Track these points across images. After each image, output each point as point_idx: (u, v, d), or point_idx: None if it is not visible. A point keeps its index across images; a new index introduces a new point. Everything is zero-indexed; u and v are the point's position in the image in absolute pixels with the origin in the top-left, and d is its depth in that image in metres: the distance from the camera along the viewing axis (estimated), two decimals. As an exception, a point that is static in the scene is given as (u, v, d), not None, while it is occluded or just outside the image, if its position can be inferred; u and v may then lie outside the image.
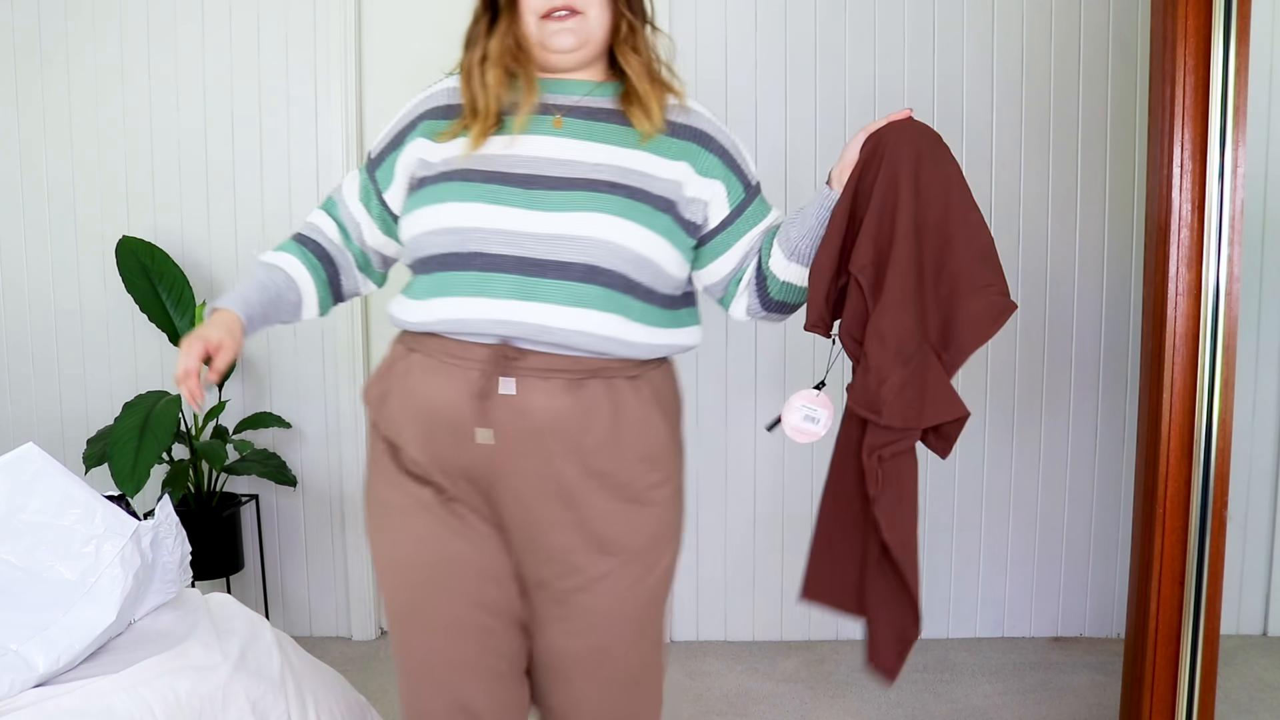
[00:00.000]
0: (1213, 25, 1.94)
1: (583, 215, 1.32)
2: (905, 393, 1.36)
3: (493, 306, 1.32)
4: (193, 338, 1.35)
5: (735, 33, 2.92)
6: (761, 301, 1.51)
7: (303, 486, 3.08)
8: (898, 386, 1.35)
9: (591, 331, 1.32)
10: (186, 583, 1.90)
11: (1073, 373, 3.01)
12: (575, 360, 1.33)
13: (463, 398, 1.33)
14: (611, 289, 1.33)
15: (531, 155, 1.37)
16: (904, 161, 1.35)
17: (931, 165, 1.37)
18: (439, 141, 1.42)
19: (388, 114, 3.11)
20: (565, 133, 1.38)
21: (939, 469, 3.03)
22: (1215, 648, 2.05)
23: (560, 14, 1.35)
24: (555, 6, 1.35)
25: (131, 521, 1.71)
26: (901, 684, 2.77)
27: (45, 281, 3.08)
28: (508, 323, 1.31)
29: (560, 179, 1.35)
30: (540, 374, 1.32)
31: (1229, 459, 2.01)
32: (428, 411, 1.36)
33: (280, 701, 1.71)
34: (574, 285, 1.31)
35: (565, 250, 1.31)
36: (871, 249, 1.36)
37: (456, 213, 1.35)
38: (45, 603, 1.60)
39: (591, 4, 1.36)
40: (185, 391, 1.33)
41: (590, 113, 1.40)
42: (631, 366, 1.38)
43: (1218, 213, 1.97)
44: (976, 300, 1.40)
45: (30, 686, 1.50)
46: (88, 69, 3.00)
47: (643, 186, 1.36)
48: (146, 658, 1.60)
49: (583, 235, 1.31)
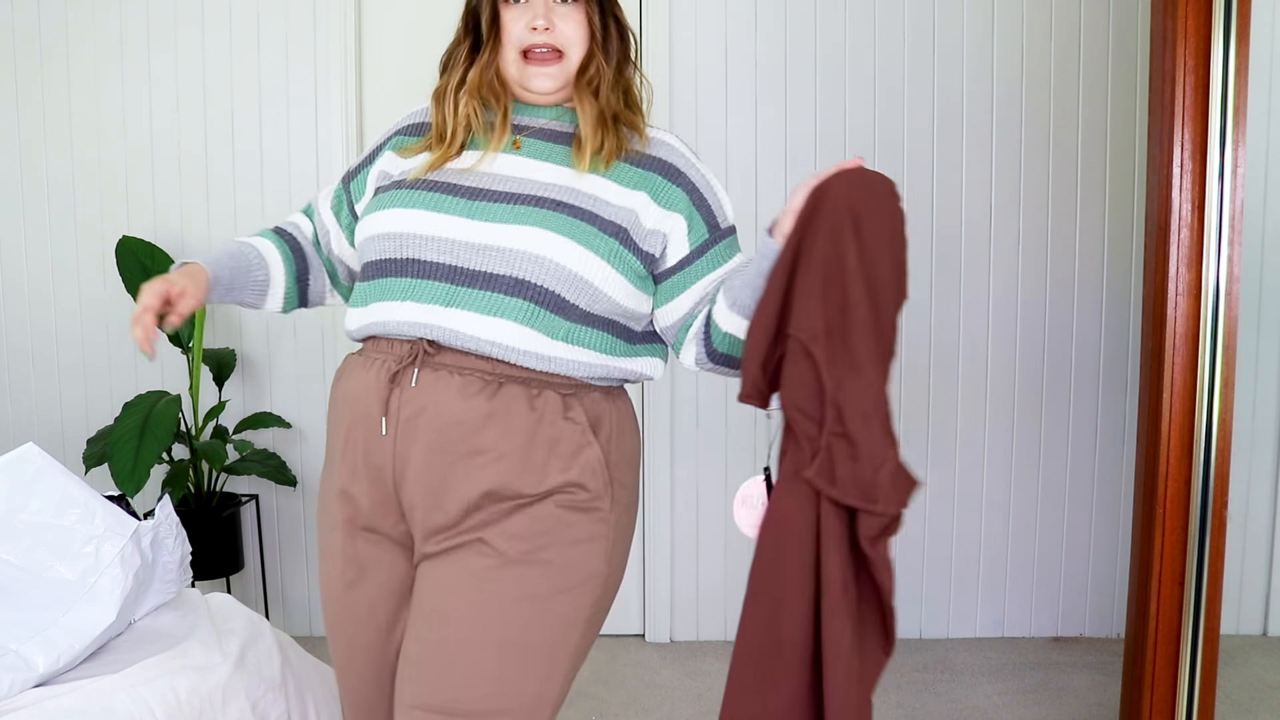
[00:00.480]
0: (1213, 25, 1.94)
1: (520, 229, 1.31)
2: (898, 475, 1.23)
3: (417, 310, 1.32)
4: (156, 280, 1.35)
5: (735, 34, 2.92)
6: (707, 352, 1.41)
7: (303, 486, 3.08)
8: (894, 470, 1.22)
9: (503, 343, 1.30)
10: (186, 583, 1.89)
11: (1073, 373, 3.01)
12: (492, 364, 1.32)
13: (374, 388, 1.34)
14: (536, 304, 1.31)
15: (485, 171, 1.37)
16: (847, 217, 1.23)
17: (876, 220, 1.25)
18: (403, 156, 1.44)
19: (388, 114, 3.11)
20: (523, 153, 1.39)
21: (939, 469, 3.03)
22: (1215, 648, 2.05)
23: (542, 51, 1.37)
24: (538, 44, 1.36)
25: (131, 521, 1.71)
26: (901, 684, 2.77)
27: (45, 281, 3.08)
28: (427, 325, 1.31)
29: (507, 194, 1.34)
30: (453, 370, 1.31)
31: (1229, 459, 2.01)
32: (348, 405, 1.38)
33: (280, 701, 1.71)
34: (496, 296, 1.30)
35: (495, 261, 1.31)
36: (822, 314, 1.23)
37: (398, 218, 1.36)
38: (45, 603, 1.60)
39: (573, 45, 1.37)
40: (139, 331, 1.30)
41: (552, 135, 1.41)
42: (566, 384, 1.35)
43: (1218, 213, 1.97)
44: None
45: (30, 686, 1.50)
46: (88, 68, 3.00)
47: (592, 209, 1.34)
48: (146, 658, 1.60)
49: (516, 248, 1.31)
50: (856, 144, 2.94)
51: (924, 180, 2.95)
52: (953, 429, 3.02)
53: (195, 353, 2.85)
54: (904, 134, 2.94)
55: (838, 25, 2.91)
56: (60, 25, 2.99)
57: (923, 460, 3.03)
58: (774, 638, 1.29)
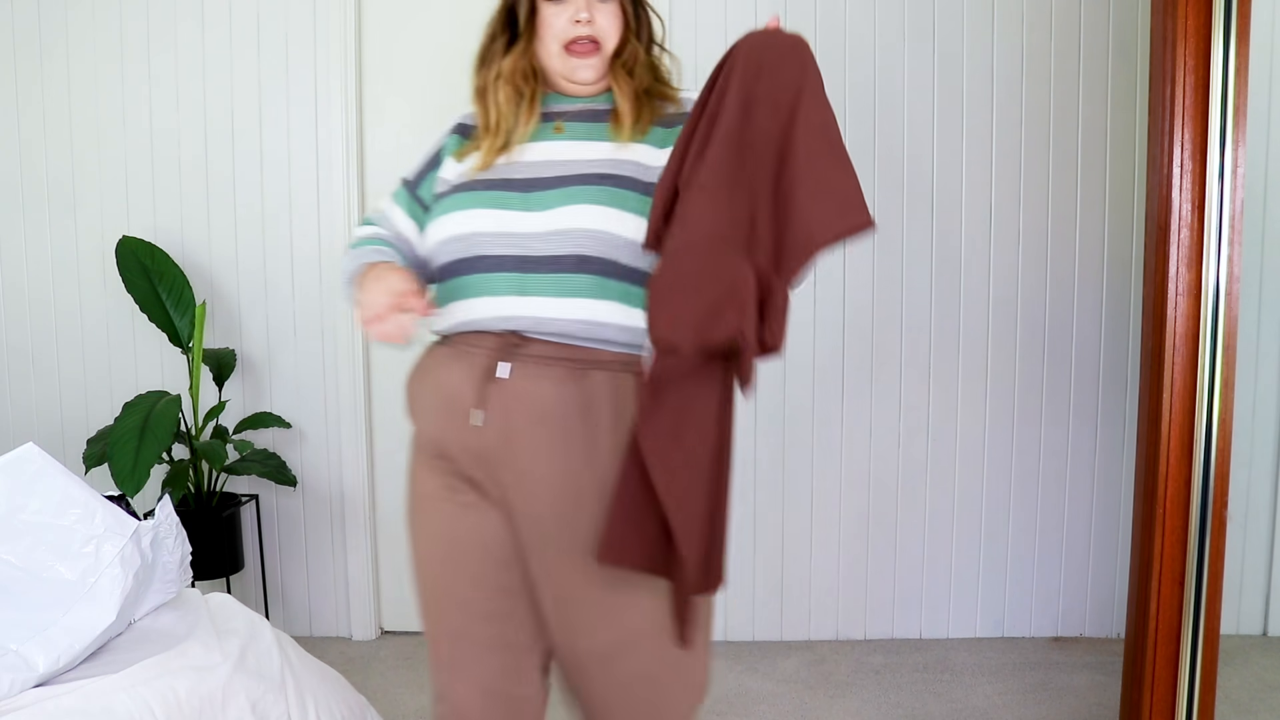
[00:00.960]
0: (1213, 25, 1.94)
1: (571, 209, 1.38)
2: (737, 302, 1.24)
3: (495, 304, 1.39)
4: (387, 278, 1.35)
5: (735, 34, 2.92)
6: None
7: (303, 486, 3.08)
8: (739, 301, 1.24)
9: (585, 319, 1.36)
10: (186, 583, 1.89)
11: (1073, 373, 3.01)
12: (576, 349, 1.37)
13: (466, 381, 1.39)
14: (603, 276, 1.37)
15: (533, 160, 1.44)
16: (740, 74, 1.29)
17: (774, 76, 1.27)
18: (458, 160, 1.50)
19: (388, 114, 3.11)
20: (566, 136, 1.46)
21: (939, 469, 3.03)
22: (1215, 648, 2.05)
23: (583, 43, 1.45)
24: (579, 36, 1.45)
25: (131, 521, 1.71)
26: (901, 684, 2.77)
27: (45, 282, 3.09)
28: (509, 318, 1.38)
29: (556, 178, 1.41)
30: (541, 361, 1.37)
31: (1229, 459, 2.01)
32: (439, 395, 1.43)
33: (280, 701, 1.71)
34: (564, 277, 1.36)
35: (557, 244, 1.37)
36: (677, 166, 1.28)
37: (461, 221, 1.42)
38: (45, 603, 1.60)
39: (610, 35, 1.47)
40: (393, 326, 1.31)
41: (591, 115, 1.48)
42: (636, 361, 1.39)
43: (1218, 213, 1.97)
44: (819, 204, 1.24)
45: (30, 686, 1.50)
46: (88, 68, 3.00)
47: (632, 175, 1.40)
48: (146, 658, 1.60)
49: (572, 227, 1.37)
50: (857, 144, 2.94)
51: (924, 180, 2.95)
52: (953, 428, 3.02)
53: (195, 353, 2.85)
54: (904, 134, 2.94)
55: (838, 25, 2.91)
56: (60, 25, 2.99)
57: (923, 459, 3.04)
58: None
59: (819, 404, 3.02)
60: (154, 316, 2.87)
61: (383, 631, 3.18)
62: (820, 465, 3.04)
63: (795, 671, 2.87)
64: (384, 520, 3.14)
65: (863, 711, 2.62)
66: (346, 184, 2.98)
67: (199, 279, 3.01)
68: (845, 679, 2.81)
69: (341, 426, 3.06)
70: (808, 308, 2.98)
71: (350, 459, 3.07)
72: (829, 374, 3.01)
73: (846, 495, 3.05)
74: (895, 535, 3.06)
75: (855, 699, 2.69)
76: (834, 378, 3.02)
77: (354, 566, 3.11)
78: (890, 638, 3.09)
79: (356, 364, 3.04)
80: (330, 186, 2.99)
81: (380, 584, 3.16)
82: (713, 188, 1.27)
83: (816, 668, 2.89)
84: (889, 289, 2.98)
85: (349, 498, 3.08)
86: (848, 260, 2.97)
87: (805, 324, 2.99)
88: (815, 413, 3.02)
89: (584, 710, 1.51)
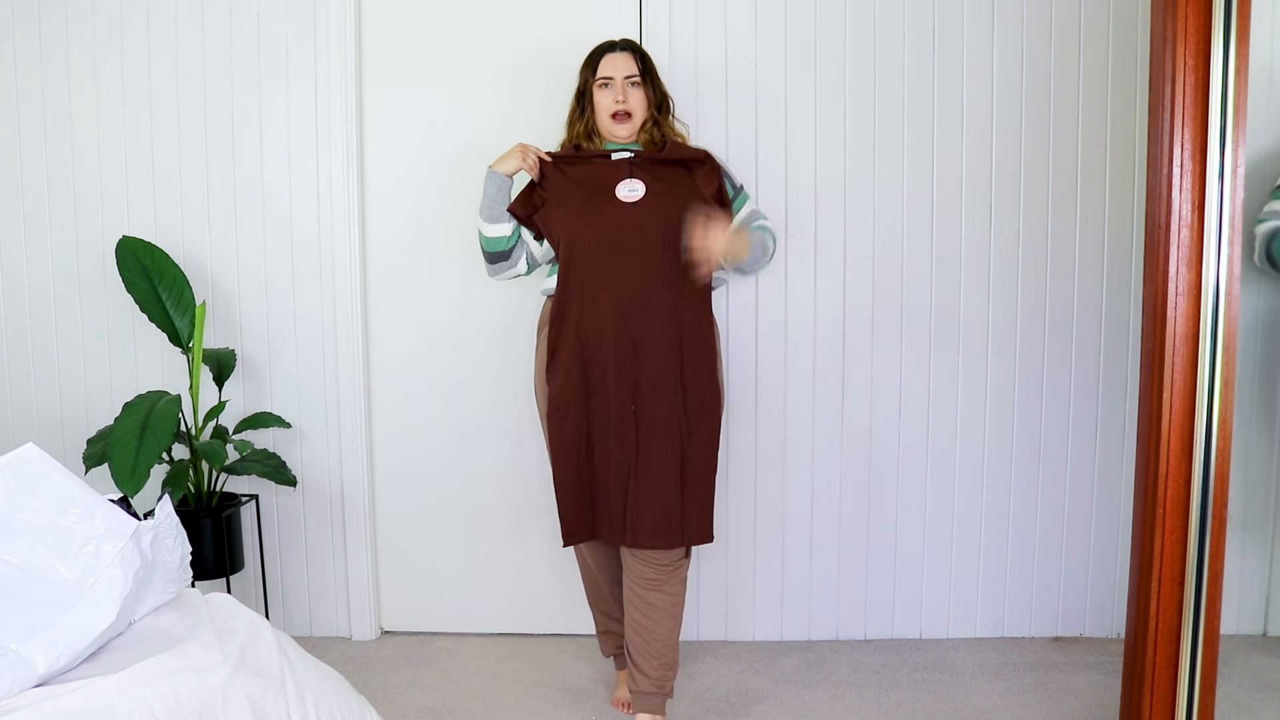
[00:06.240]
0: (1213, 25, 1.94)
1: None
2: None
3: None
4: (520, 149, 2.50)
5: (735, 36, 2.93)
6: None
7: (303, 486, 3.08)
8: None
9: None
10: (186, 583, 1.89)
11: (1073, 373, 3.01)
12: None
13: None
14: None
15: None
16: None
17: None
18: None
19: (387, 114, 3.11)
20: None
21: (939, 469, 3.03)
22: (1215, 648, 2.05)
23: (621, 114, 2.46)
24: (617, 111, 2.46)
25: (131, 521, 1.70)
26: (901, 684, 2.77)
27: (45, 281, 3.09)
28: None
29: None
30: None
31: (1229, 459, 2.01)
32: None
33: (280, 701, 1.71)
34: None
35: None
36: None
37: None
38: (45, 603, 1.60)
39: (638, 111, 2.48)
40: (533, 159, 2.49)
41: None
42: None
43: (1218, 213, 1.97)
44: None
45: (30, 686, 1.50)
46: (88, 68, 3.00)
47: None
48: (146, 658, 1.60)
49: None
50: (856, 144, 2.94)
51: (924, 180, 2.95)
52: (953, 428, 3.02)
53: (195, 353, 2.85)
54: (904, 133, 2.94)
55: (837, 25, 2.91)
56: (60, 25, 2.99)
57: (923, 459, 3.04)
58: None
59: (819, 404, 3.02)
60: (154, 316, 2.87)
61: (383, 631, 3.18)
62: (820, 465, 3.04)
63: (795, 671, 2.87)
64: (384, 520, 3.14)
65: (862, 711, 2.62)
66: (347, 184, 2.98)
67: (199, 279, 3.01)
68: (845, 679, 2.81)
69: (341, 426, 3.06)
70: (808, 309, 2.98)
71: (350, 459, 3.07)
72: (829, 374, 3.01)
73: (847, 495, 3.05)
74: (895, 535, 3.06)
75: (855, 699, 2.69)
76: (834, 378, 3.02)
77: (354, 566, 3.11)
78: (890, 638, 3.09)
79: (356, 364, 3.04)
80: (330, 186, 2.99)
81: (380, 584, 3.16)
82: None
83: (816, 668, 2.89)
84: (888, 290, 2.98)
85: (349, 498, 3.08)
86: (847, 262, 2.97)
87: (805, 325, 2.99)
88: (815, 413, 3.02)
89: None
